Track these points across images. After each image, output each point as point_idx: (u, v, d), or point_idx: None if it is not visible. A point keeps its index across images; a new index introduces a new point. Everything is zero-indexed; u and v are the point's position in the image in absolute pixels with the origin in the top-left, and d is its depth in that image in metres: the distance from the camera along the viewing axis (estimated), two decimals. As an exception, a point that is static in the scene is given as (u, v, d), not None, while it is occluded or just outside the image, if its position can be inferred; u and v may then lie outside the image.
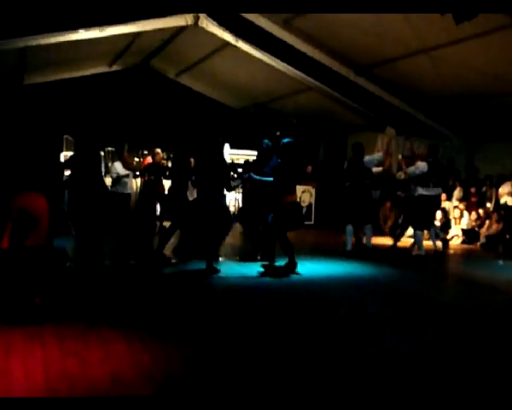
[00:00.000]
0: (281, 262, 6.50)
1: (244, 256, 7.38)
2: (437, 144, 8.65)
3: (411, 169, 8.33)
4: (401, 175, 8.63)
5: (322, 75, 11.25)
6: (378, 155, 8.67)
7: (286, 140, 6.72)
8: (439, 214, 10.75)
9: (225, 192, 6.81)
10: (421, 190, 8.14)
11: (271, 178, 6.68)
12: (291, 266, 6.37)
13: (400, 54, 10.08)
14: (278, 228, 6.42)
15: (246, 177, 7.42)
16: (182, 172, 7.03)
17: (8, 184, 4.17)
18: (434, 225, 8.75)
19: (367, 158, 8.19)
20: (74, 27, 8.80)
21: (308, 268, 6.69)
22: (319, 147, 15.47)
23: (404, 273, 7.16)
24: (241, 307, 4.78)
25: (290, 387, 2.83)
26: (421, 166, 8.22)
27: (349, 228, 8.09)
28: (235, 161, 13.85)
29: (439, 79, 10.27)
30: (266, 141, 7.33)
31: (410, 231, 9.01)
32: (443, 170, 8.41)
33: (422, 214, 8.22)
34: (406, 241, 9.20)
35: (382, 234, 10.99)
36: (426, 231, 8.85)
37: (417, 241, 8.35)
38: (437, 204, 8.75)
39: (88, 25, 8.82)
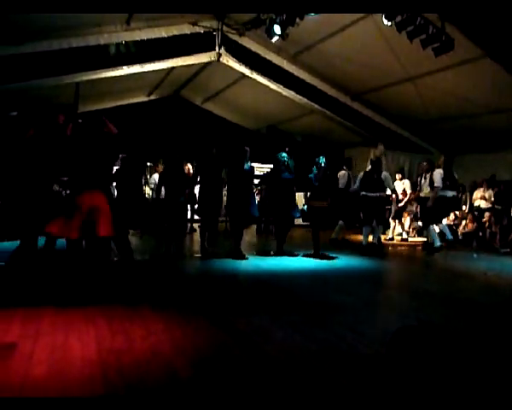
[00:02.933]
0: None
1: (259, 251, 7.37)
2: (432, 160, 8.67)
3: (436, 181, 8.13)
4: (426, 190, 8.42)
5: (323, 100, 11.25)
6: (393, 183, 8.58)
7: (323, 160, 6.99)
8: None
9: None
10: (441, 192, 8.09)
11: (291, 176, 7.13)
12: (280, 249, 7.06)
13: (389, 82, 10.01)
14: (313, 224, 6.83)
15: (285, 176, 7.21)
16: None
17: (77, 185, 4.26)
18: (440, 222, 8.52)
19: (386, 175, 8.11)
20: (119, 64, 8.90)
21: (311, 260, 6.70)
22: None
23: (396, 265, 7.07)
24: (253, 290, 4.77)
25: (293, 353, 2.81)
26: (438, 173, 8.13)
27: (366, 229, 8.10)
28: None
29: (422, 103, 10.18)
30: (284, 154, 7.28)
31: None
32: (454, 177, 8.40)
33: (438, 211, 8.20)
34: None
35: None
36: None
37: (432, 235, 8.19)
38: (455, 203, 8.78)
39: (131, 62, 8.92)
